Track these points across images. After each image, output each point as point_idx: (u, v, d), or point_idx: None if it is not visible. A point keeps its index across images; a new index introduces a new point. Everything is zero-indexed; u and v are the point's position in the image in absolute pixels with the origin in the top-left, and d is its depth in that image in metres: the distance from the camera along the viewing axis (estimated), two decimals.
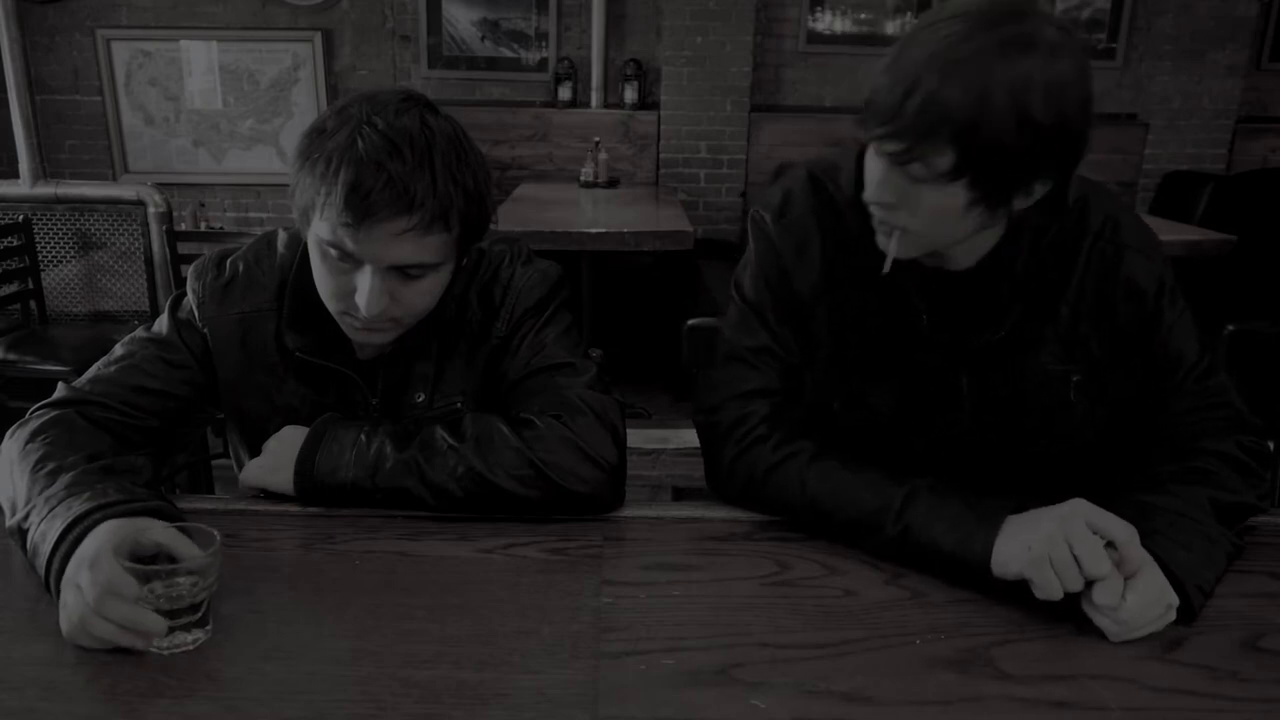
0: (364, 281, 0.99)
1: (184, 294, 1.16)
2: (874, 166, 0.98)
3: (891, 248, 1.01)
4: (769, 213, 1.14)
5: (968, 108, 0.87)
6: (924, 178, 0.93)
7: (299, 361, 1.12)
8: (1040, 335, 1.08)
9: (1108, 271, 1.06)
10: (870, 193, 0.99)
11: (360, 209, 0.94)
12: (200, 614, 0.82)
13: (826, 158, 1.15)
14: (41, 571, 0.86)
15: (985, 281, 1.06)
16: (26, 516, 0.91)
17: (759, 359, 1.12)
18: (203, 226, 4.48)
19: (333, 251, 0.99)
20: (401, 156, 0.95)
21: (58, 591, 0.83)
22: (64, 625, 0.80)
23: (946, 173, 0.91)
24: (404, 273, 1.00)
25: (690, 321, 1.51)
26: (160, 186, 3.50)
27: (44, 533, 0.87)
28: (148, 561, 0.82)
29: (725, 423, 1.10)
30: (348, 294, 1.01)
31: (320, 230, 0.99)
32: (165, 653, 0.80)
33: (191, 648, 0.81)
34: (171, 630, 0.80)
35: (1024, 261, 1.05)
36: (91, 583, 0.79)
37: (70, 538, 0.85)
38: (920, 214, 0.97)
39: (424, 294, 1.04)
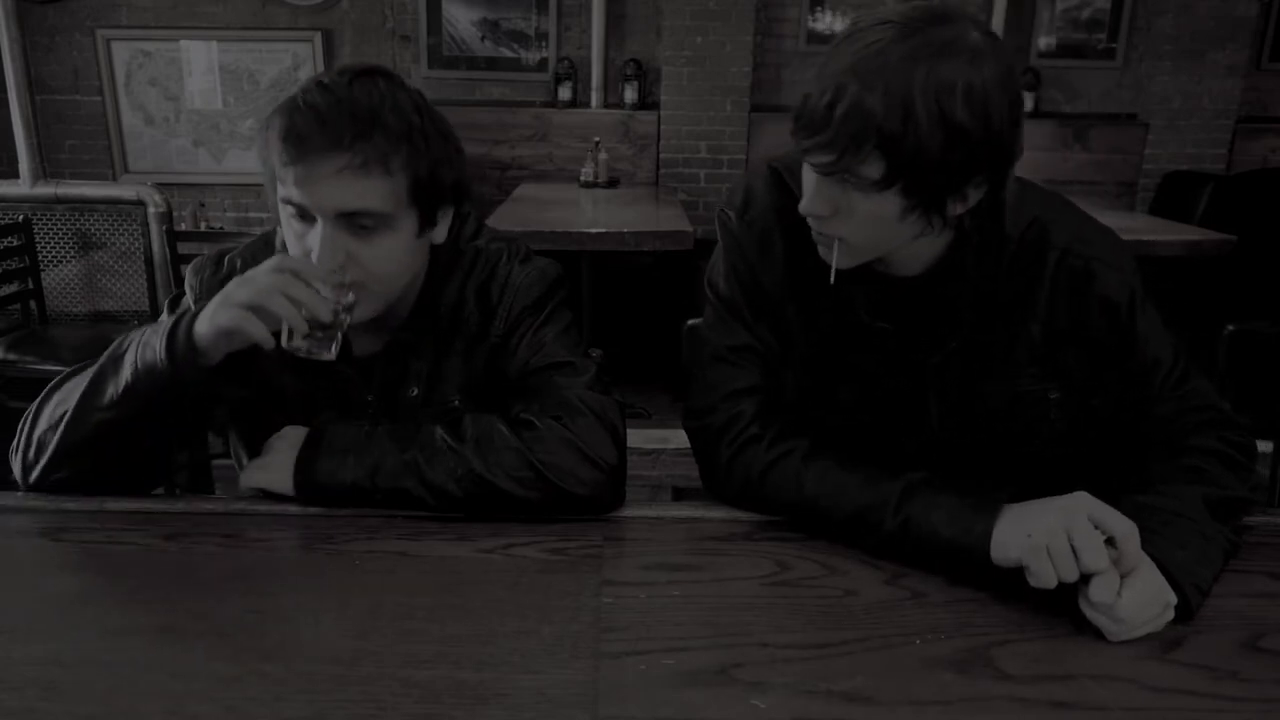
0: (315, 235, 1.00)
1: (183, 293, 1.16)
2: (807, 179, 0.98)
3: (834, 259, 1.00)
4: (733, 210, 1.14)
5: (892, 115, 0.87)
6: (857, 186, 0.93)
7: (295, 358, 1.12)
8: (1011, 356, 1.07)
9: (1079, 287, 1.05)
10: (804, 205, 0.99)
11: (295, 146, 0.97)
12: (333, 333, 0.98)
13: (790, 153, 1.12)
14: (164, 334, 0.97)
15: (934, 289, 1.06)
16: (120, 345, 1.01)
17: (741, 357, 1.12)
18: (203, 226, 4.48)
19: (290, 209, 1.01)
20: (338, 102, 0.98)
21: (189, 336, 0.96)
22: (230, 315, 0.94)
23: (877, 182, 0.91)
24: (354, 224, 1.00)
25: (690, 321, 1.51)
26: (160, 186, 3.50)
27: (148, 335, 0.99)
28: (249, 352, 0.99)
29: (716, 425, 1.10)
30: (309, 254, 1.01)
31: (279, 190, 1.01)
32: (301, 353, 0.97)
33: (328, 357, 0.98)
34: (309, 337, 0.96)
35: (973, 269, 1.04)
36: (279, 269, 0.95)
37: (186, 316, 0.98)
38: (856, 223, 0.96)
39: (383, 258, 1.03)
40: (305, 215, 1.00)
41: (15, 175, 3.44)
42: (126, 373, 0.99)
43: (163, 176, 4.63)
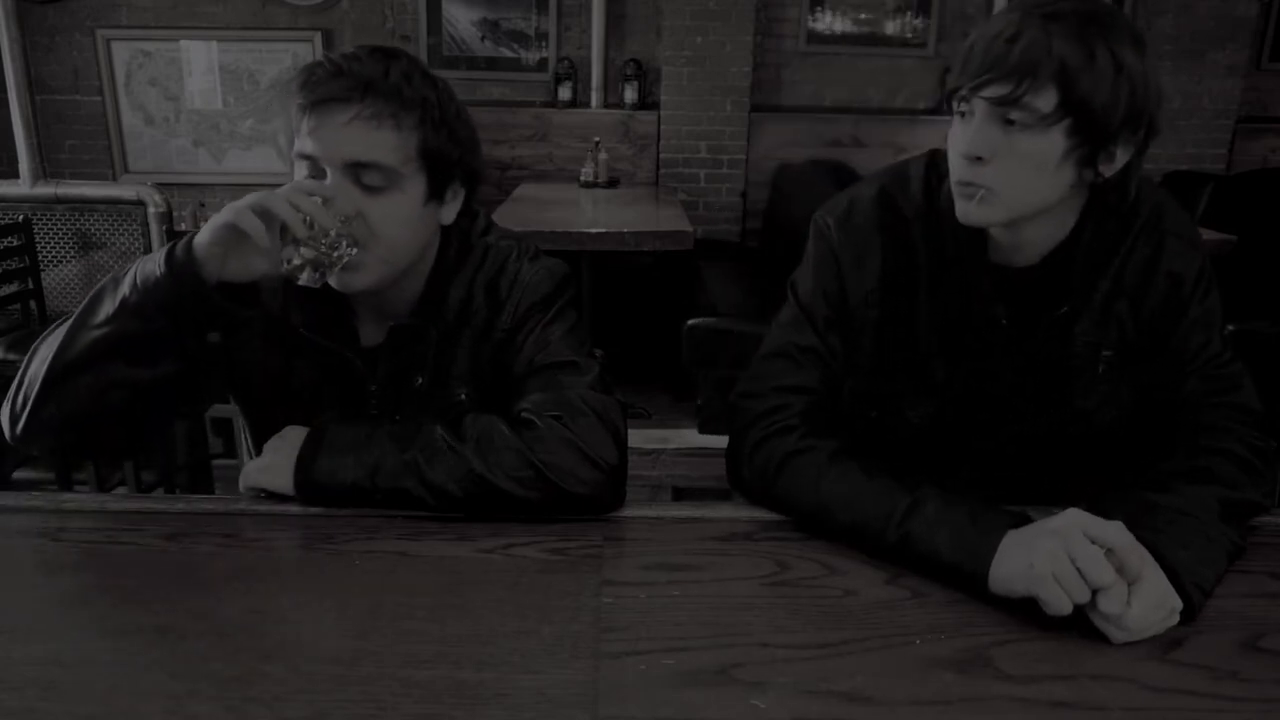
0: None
1: None
2: (963, 127, 1.01)
3: (974, 210, 1.02)
4: (833, 218, 1.16)
5: (1073, 50, 0.94)
6: (1024, 123, 0.96)
7: (303, 344, 1.12)
8: (1078, 309, 1.10)
9: (1151, 256, 1.09)
10: (964, 148, 1.01)
11: (311, 93, 1.00)
12: (335, 259, 0.98)
13: (896, 169, 1.18)
14: (162, 254, 0.96)
15: (1048, 277, 1.09)
16: (120, 271, 1.00)
17: (805, 357, 1.14)
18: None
19: (304, 166, 1.03)
20: (358, 59, 1.02)
21: (188, 246, 0.96)
22: (232, 212, 0.94)
23: (1049, 114, 0.95)
24: (362, 180, 1.02)
25: (690, 321, 1.52)
26: (160, 186, 3.50)
27: (142, 261, 0.98)
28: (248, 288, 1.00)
29: (759, 409, 1.12)
30: None
31: (295, 145, 1.03)
32: (293, 269, 0.96)
33: (307, 279, 0.97)
34: (318, 250, 0.96)
35: (1085, 250, 1.08)
36: (286, 185, 0.95)
37: (182, 239, 0.97)
38: (1013, 168, 0.99)
39: (388, 219, 1.04)
40: (317, 171, 1.02)
41: (15, 175, 3.44)
42: (125, 288, 0.98)
43: (163, 176, 4.63)
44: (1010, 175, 1.00)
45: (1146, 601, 0.85)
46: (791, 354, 1.14)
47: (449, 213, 1.12)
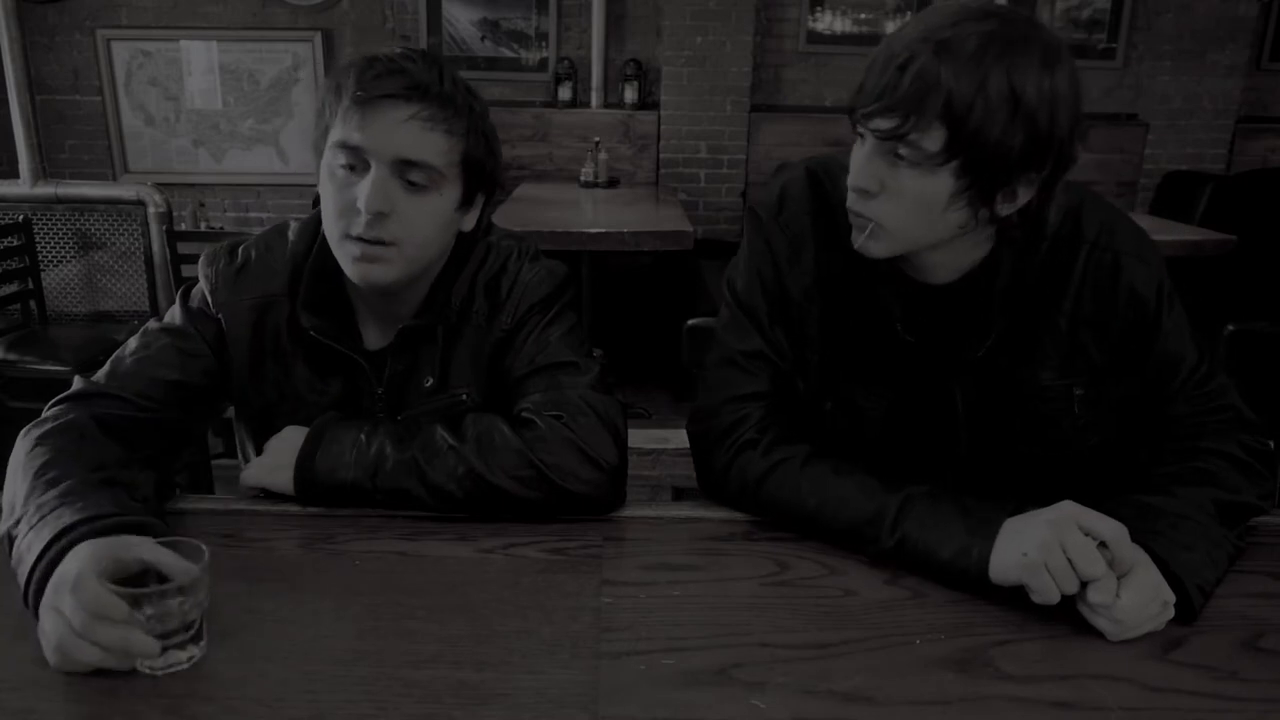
0: (366, 181, 1.01)
1: (194, 284, 1.16)
2: (858, 153, 0.96)
3: (863, 241, 0.98)
4: (765, 210, 1.12)
5: (964, 83, 0.86)
6: (912, 160, 0.91)
7: (309, 347, 1.12)
8: (1036, 349, 1.06)
9: (1106, 279, 1.04)
10: (851, 178, 0.96)
11: (371, 87, 1.00)
12: (193, 631, 0.79)
13: (826, 158, 1.12)
14: (22, 584, 0.83)
15: (967, 298, 1.04)
16: (17, 523, 0.88)
17: (752, 363, 1.10)
18: (203, 226, 4.47)
19: (342, 156, 1.02)
20: (412, 59, 1.04)
21: (35, 609, 0.80)
22: (47, 652, 0.77)
23: (935, 154, 0.89)
24: (406, 178, 1.02)
25: (690, 321, 1.51)
26: (160, 186, 3.50)
27: (29, 544, 0.84)
28: (134, 579, 0.79)
29: (718, 428, 1.09)
30: (351, 205, 1.02)
31: (334, 136, 1.02)
32: (159, 674, 0.77)
33: (186, 666, 0.78)
34: (165, 650, 0.77)
35: (1006, 278, 1.02)
36: (76, 606, 0.75)
37: (52, 552, 0.82)
38: (900, 205, 0.94)
39: (423, 219, 1.04)
40: (357, 164, 1.02)
41: (15, 175, 3.44)
42: (14, 562, 0.86)
43: (163, 176, 4.63)
44: (896, 212, 0.94)
45: (1138, 594, 0.85)
46: (737, 361, 1.11)
47: (470, 220, 1.13)
